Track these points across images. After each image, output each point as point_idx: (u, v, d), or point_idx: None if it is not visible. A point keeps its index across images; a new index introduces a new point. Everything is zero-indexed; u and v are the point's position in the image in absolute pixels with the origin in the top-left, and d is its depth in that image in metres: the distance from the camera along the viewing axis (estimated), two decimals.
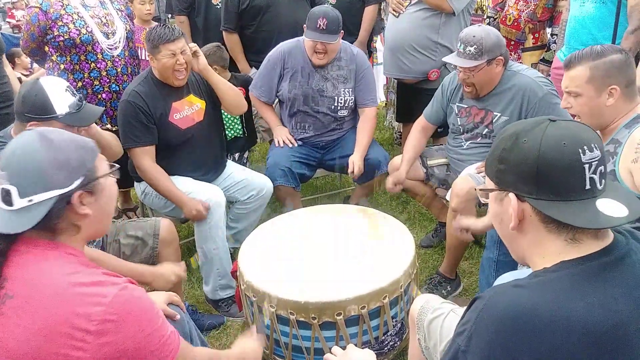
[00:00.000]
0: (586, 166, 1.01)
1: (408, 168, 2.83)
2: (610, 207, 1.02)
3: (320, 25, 2.87)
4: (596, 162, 1.02)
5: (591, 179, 1.02)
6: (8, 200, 1.17)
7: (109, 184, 1.31)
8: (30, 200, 1.17)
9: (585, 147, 1.01)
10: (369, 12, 3.85)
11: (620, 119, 1.85)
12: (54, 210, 1.18)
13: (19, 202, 1.17)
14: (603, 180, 1.04)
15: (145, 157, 2.59)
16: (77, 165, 1.22)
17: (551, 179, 1.02)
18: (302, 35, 3.06)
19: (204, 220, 2.57)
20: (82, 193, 1.22)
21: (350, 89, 3.13)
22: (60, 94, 1.97)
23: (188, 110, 2.71)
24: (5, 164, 1.19)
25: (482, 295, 1.06)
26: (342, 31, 2.97)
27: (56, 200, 1.18)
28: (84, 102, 2.06)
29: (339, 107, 3.14)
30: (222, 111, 2.96)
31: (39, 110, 1.93)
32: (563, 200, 1.02)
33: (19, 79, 4.69)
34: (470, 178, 2.51)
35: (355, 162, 2.97)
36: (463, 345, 1.02)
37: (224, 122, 3.22)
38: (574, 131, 1.04)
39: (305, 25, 2.97)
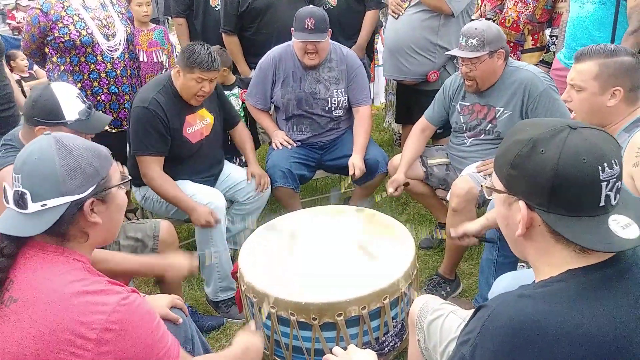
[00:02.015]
0: (604, 184, 0.97)
1: (406, 170, 2.83)
2: (623, 227, 0.98)
3: (308, 25, 2.87)
4: (614, 179, 0.98)
5: (607, 196, 0.98)
6: (22, 203, 1.18)
7: (120, 195, 1.32)
8: (43, 205, 1.17)
9: (605, 164, 0.96)
10: (370, 16, 3.79)
11: (619, 123, 1.84)
12: (65, 216, 1.19)
13: (32, 206, 1.17)
14: (617, 196, 1.00)
15: (155, 167, 2.58)
16: (91, 173, 1.22)
17: (566, 195, 0.97)
18: None
19: None
20: (94, 201, 1.23)
21: (343, 90, 3.13)
22: (70, 100, 1.98)
23: (199, 124, 2.73)
24: (21, 167, 1.20)
25: (487, 304, 1.04)
26: (330, 30, 2.97)
27: (69, 207, 1.19)
28: (93, 110, 2.06)
29: (333, 108, 3.14)
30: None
31: (48, 115, 1.93)
32: (574, 216, 0.98)
33: (19, 82, 4.70)
34: (470, 178, 2.52)
35: (356, 164, 2.95)
36: (468, 355, 1.00)
37: None
38: (595, 144, 0.98)
39: (292, 29, 2.96)
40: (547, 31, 3.81)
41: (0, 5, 13.90)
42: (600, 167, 0.96)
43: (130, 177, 1.38)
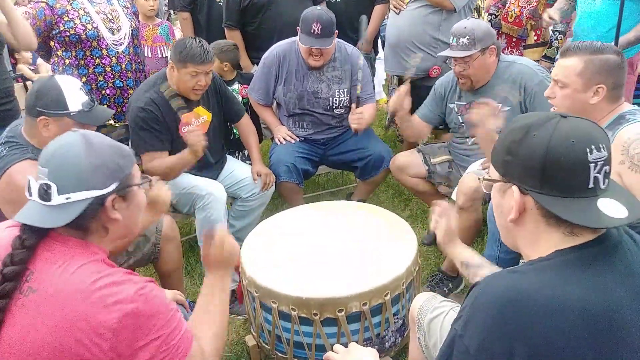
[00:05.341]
0: (592, 165, 1.02)
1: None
2: (611, 208, 1.03)
3: (314, 30, 2.86)
4: (602, 162, 1.03)
5: (595, 178, 1.03)
6: (46, 196, 1.21)
7: (140, 194, 1.35)
8: (67, 198, 1.20)
9: (593, 147, 1.02)
10: (378, 10, 3.79)
11: (601, 120, 1.84)
12: (88, 211, 1.22)
13: (57, 199, 1.20)
14: (606, 180, 1.05)
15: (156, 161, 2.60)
16: (114, 170, 1.26)
17: (556, 175, 1.03)
18: None
19: (205, 215, 2.59)
20: (115, 197, 1.26)
21: (345, 90, 3.12)
22: (74, 91, 1.98)
23: (195, 122, 2.72)
24: (47, 161, 1.23)
25: (479, 281, 1.08)
26: (336, 31, 2.97)
27: (92, 201, 1.22)
28: (96, 102, 2.07)
29: (334, 107, 3.15)
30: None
31: (52, 105, 1.93)
32: (565, 196, 1.03)
33: (22, 76, 4.72)
34: (476, 175, 2.52)
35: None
36: (460, 330, 1.04)
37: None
38: (584, 129, 1.05)
39: (298, 28, 2.95)
40: (550, 26, 3.80)
41: None
42: (588, 150, 1.02)
43: (150, 178, 1.40)
